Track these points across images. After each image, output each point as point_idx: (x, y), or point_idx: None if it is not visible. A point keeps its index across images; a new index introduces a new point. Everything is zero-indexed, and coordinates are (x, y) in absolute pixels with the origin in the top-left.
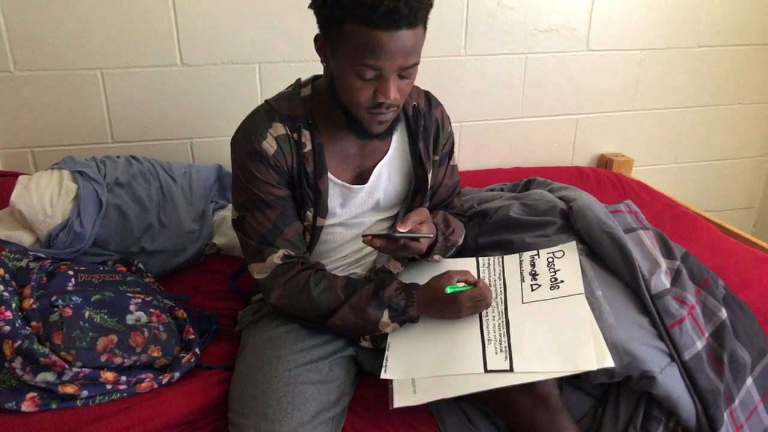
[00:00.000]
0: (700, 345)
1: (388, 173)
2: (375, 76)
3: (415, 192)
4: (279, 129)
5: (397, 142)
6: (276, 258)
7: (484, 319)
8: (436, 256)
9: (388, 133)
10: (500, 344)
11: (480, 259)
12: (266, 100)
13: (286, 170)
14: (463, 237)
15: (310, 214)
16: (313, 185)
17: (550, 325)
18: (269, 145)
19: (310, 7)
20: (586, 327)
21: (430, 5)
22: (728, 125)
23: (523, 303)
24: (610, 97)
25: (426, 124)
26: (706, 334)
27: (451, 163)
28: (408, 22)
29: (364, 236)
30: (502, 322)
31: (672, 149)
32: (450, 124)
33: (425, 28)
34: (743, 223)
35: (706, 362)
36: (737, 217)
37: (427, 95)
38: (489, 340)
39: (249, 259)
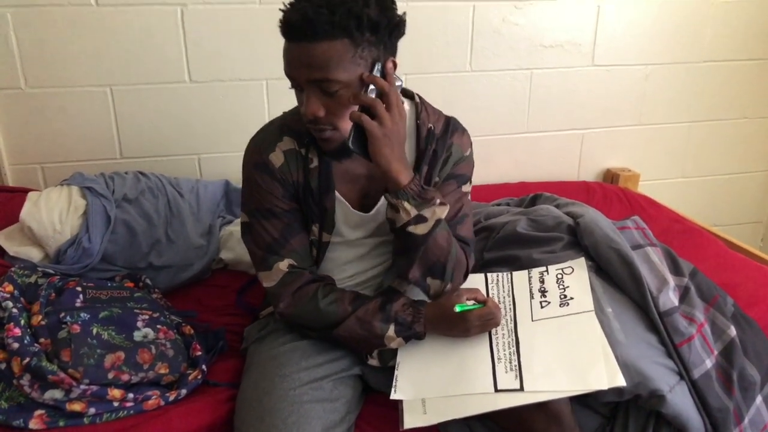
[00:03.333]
0: (709, 363)
1: None
2: (297, 88)
3: None
4: (288, 143)
5: None
6: (282, 266)
7: (493, 337)
8: (405, 204)
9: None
10: (510, 363)
11: (488, 275)
12: (282, 114)
13: (292, 184)
14: (446, 212)
15: (315, 229)
16: (318, 201)
17: (560, 343)
18: (276, 158)
19: None
20: (597, 345)
21: (352, 17)
22: (734, 139)
23: (532, 320)
24: (616, 111)
25: (437, 147)
26: (715, 352)
27: (463, 189)
28: (305, 35)
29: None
30: (512, 340)
31: (678, 163)
32: (468, 149)
33: (351, 41)
34: (751, 237)
35: (715, 381)
36: (745, 232)
37: (449, 121)
38: (499, 358)
39: (256, 267)
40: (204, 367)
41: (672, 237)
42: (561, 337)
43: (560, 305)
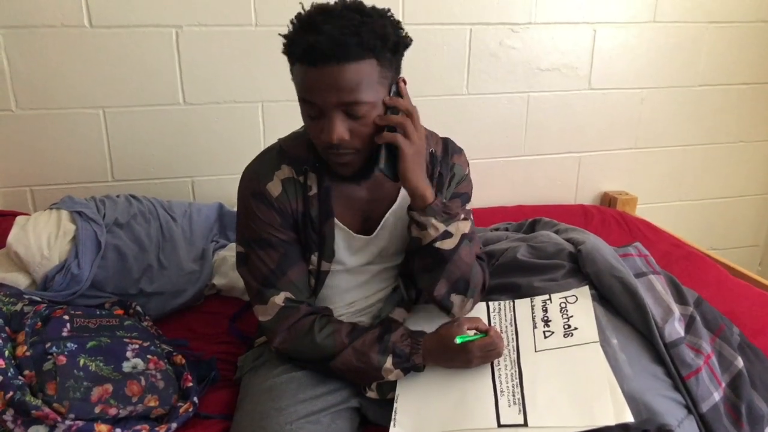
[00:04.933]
0: (717, 396)
1: (394, 221)
2: (318, 113)
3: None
4: (286, 171)
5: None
6: (278, 299)
7: (496, 368)
8: (432, 220)
9: (390, 180)
10: (513, 396)
11: (490, 303)
12: (279, 140)
13: (291, 213)
14: (468, 227)
15: (314, 258)
16: (317, 229)
17: (564, 375)
18: (274, 188)
19: None
20: (603, 378)
21: (383, 39)
22: (731, 163)
23: (536, 351)
24: (613, 135)
25: (441, 170)
26: (723, 384)
27: (466, 208)
28: (335, 57)
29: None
30: (515, 372)
31: (675, 187)
32: (467, 168)
33: (383, 63)
34: (748, 261)
35: (723, 414)
36: (742, 255)
37: (446, 142)
38: (502, 391)
39: (252, 300)
40: (195, 399)
41: (673, 262)
42: (565, 369)
43: (564, 335)
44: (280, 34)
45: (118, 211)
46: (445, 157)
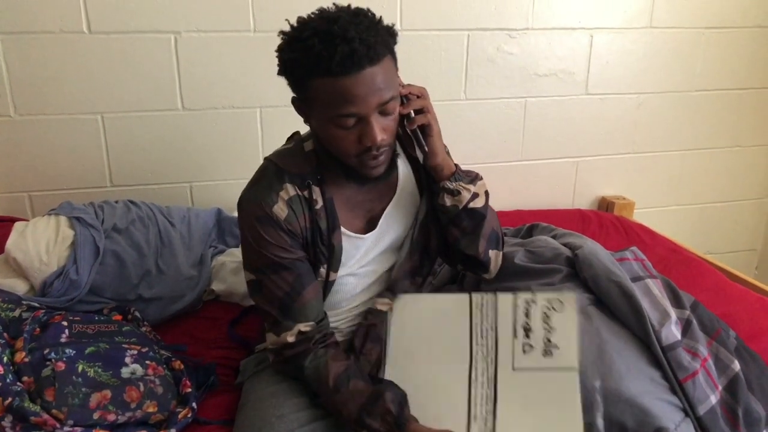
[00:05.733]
0: (714, 399)
1: (395, 214)
2: (355, 122)
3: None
4: (290, 190)
5: (404, 181)
6: (290, 336)
7: (473, 384)
8: (457, 185)
9: (390, 172)
10: (486, 424)
11: (474, 296)
12: (269, 159)
13: (300, 232)
14: (485, 185)
15: (323, 270)
16: (327, 242)
17: (538, 407)
18: (281, 210)
19: (279, 74)
20: (575, 415)
21: (391, 34)
22: (728, 168)
23: (513, 369)
24: (610, 140)
25: None
26: (720, 388)
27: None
28: (369, 60)
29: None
30: (491, 393)
31: (673, 192)
32: None
33: (394, 57)
34: (745, 265)
35: (720, 417)
36: (739, 260)
37: None
38: (475, 416)
39: (267, 326)
40: (194, 404)
41: (670, 267)
42: (540, 400)
43: (544, 354)
44: (283, 56)
45: (116, 217)
46: None
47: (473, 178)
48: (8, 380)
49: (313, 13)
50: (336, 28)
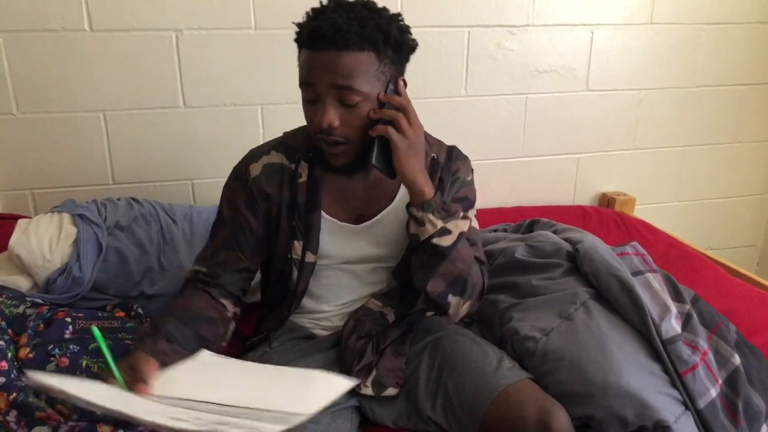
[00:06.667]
0: (714, 392)
1: (390, 221)
2: (315, 97)
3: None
4: (275, 157)
5: (405, 193)
6: (197, 266)
7: None
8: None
9: (370, 173)
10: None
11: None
12: (283, 133)
13: (271, 198)
14: (467, 226)
15: (298, 245)
16: (303, 217)
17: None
18: (254, 169)
19: None
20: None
21: (386, 35)
22: (729, 163)
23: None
24: (611, 136)
25: (443, 175)
26: (720, 381)
27: (468, 214)
28: (334, 43)
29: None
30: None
31: (673, 187)
32: (470, 175)
33: (377, 55)
34: (746, 261)
35: (720, 410)
36: (740, 256)
37: (450, 150)
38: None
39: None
40: None
41: (670, 262)
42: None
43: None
44: (293, 22)
45: (119, 214)
46: (448, 163)
47: (450, 214)
48: (13, 376)
49: None
50: (329, 9)
